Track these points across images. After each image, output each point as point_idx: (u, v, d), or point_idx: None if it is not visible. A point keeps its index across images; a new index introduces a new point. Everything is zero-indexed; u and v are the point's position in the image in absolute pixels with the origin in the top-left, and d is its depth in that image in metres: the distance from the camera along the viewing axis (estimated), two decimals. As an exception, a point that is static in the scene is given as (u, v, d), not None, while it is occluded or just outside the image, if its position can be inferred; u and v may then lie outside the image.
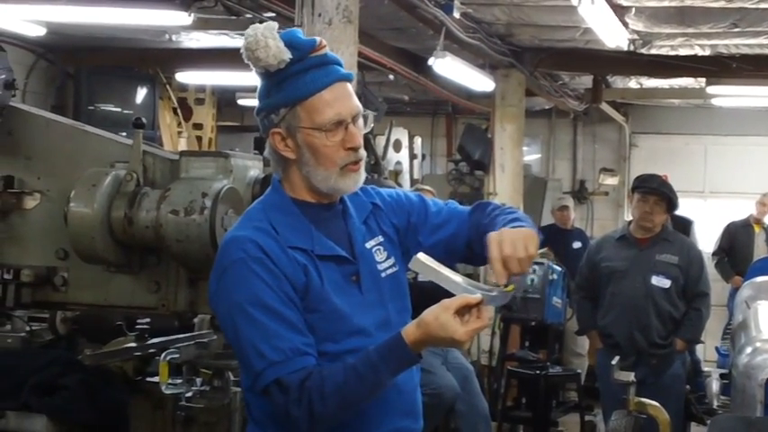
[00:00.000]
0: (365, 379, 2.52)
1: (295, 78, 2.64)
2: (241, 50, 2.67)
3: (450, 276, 2.55)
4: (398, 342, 2.52)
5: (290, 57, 2.62)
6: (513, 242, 2.56)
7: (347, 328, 2.65)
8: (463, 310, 2.48)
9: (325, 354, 2.60)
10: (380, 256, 2.78)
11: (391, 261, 2.80)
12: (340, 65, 2.71)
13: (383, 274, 2.77)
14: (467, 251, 2.89)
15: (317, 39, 2.71)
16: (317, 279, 2.62)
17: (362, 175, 2.73)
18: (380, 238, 2.80)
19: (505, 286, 2.56)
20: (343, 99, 2.65)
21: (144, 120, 4.24)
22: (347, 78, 2.70)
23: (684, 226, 10.84)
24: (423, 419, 2.86)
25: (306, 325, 2.60)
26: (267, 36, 2.61)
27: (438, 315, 2.48)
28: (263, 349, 2.53)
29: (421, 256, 2.61)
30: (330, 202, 2.74)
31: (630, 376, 5.97)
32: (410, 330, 2.51)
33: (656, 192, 6.75)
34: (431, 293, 2.65)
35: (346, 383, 2.52)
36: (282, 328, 2.55)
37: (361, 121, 2.70)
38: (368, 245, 2.77)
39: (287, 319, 2.56)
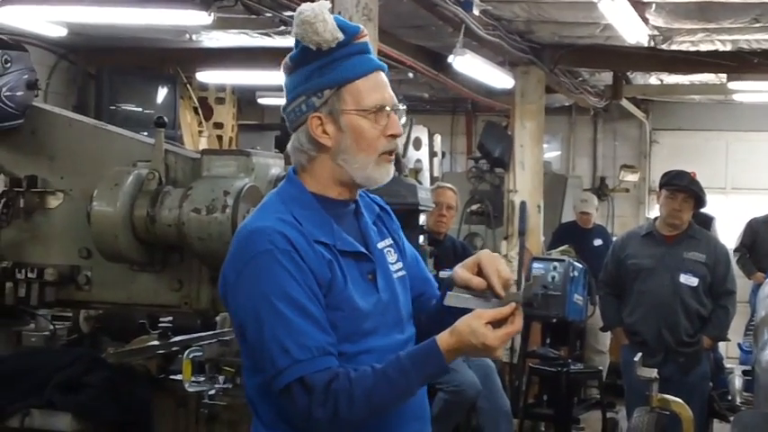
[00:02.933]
0: (396, 385, 2.48)
1: (341, 62, 2.60)
2: (294, 26, 2.60)
3: (483, 302, 2.58)
4: (433, 349, 2.48)
5: (343, 36, 2.59)
6: (498, 258, 2.69)
7: (365, 328, 2.59)
8: (496, 323, 2.49)
9: (342, 354, 2.53)
10: (391, 257, 2.75)
11: (400, 264, 2.77)
12: (374, 55, 2.71)
13: (395, 275, 2.73)
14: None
15: (360, 26, 2.68)
16: (340, 276, 2.56)
17: (393, 167, 2.70)
18: (390, 241, 2.78)
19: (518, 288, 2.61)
20: (384, 87, 2.65)
21: (166, 119, 4.26)
22: (384, 69, 2.69)
23: (705, 222, 10.79)
24: (439, 420, 2.84)
25: (328, 323, 2.53)
26: (324, 11, 2.57)
27: (470, 322, 2.47)
28: (288, 346, 2.45)
29: (455, 290, 2.63)
30: (349, 198, 2.70)
31: (653, 372, 5.96)
32: (444, 338, 2.48)
33: (686, 189, 6.72)
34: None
35: (376, 389, 2.46)
36: (309, 325, 2.47)
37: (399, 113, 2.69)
38: (379, 245, 2.73)
39: (313, 315, 2.48)
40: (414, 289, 2.81)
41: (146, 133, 4.51)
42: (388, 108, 2.63)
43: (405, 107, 2.71)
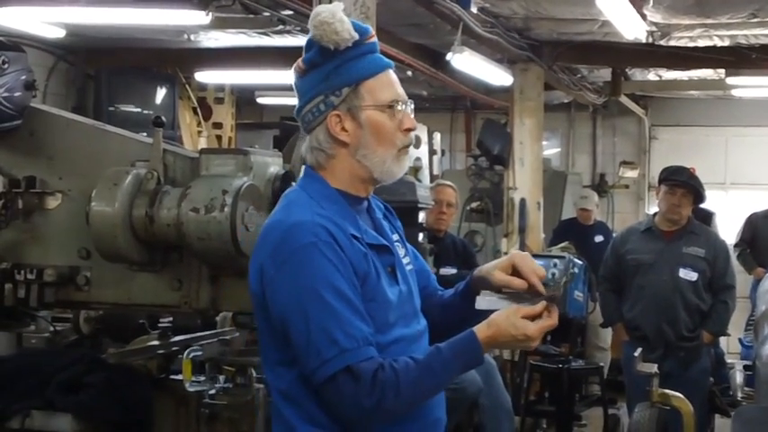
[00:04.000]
0: (438, 375, 2.58)
1: (356, 61, 2.70)
2: (311, 26, 2.68)
3: (514, 302, 2.70)
4: (472, 340, 2.59)
5: (358, 36, 2.68)
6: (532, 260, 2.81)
7: (391, 319, 2.67)
8: (530, 319, 2.62)
9: (375, 344, 2.59)
10: (401, 251, 2.84)
11: (408, 258, 2.87)
12: None
13: (407, 268, 2.82)
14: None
15: (370, 27, 2.79)
16: (374, 269, 2.65)
17: (408, 162, 2.82)
18: (397, 236, 2.88)
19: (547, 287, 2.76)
20: (396, 84, 2.76)
21: (164, 118, 4.25)
22: (392, 67, 2.79)
23: (706, 218, 10.79)
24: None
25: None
26: (340, 12, 2.67)
27: (508, 315, 2.61)
28: (335, 335, 2.51)
29: (483, 293, 2.75)
30: (365, 195, 2.79)
31: (653, 368, 5.96)
32: (482, 329, 2.60)
33: (685, 184, 6.73)
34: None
35: (421, 380, 2.56)
36: (354, 315, 2.54)
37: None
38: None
39: (356, 306, 2.56)
40: (417, 282, 2.89)
41: (145, 134, 4.50)
42: (401, 103, 2.73)
43: (413, 104, 2.78)
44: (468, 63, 9.38)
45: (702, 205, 10.30)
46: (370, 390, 2.50)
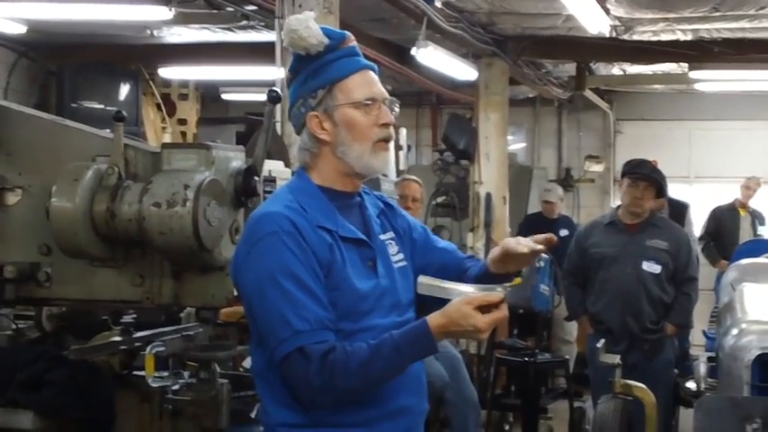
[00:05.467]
0: (388, 360, 2.68)
1: (331, 64, 2.86)
2: (283, 35, 2.88)
3: (459, 288, 2.76)
4: (424, 329, 2.68)
5: (328, 41, 2.84)
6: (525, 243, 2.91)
7: (363, 308, 2.81)
8: (484, 309, 2.67)
9: (340, 331, 2.74)
10: (393, 249, 2.98)
11: (401, 256, 3.00)
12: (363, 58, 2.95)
13: (395, 266, 2.95)
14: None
15: (348, 33, 2.94)
16: (340, 259, 2.79)
17: (390, 155, 2.87)
18: (392, 234, 3.01)
19: (510, 282, 2.80)
20: (374, 83, 2.91)
21: (125, 113, 4.21)
22: (374, 69, 2.95)
23: (680, 210, 10.87)
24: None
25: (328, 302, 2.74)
26: (308, 19, 2.83)
27: (460, 306, 2.67)
28: (289, 318, 2.67)
29: (423, 278, 2.81)
30: (353, 190, 2.94)
31: (616, 359, 6.00)
32: (434, 319, 2.68)
33: (647, 177, 6.76)
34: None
35: (370, 362, 2.67)
36: (309, 300, 2.70)
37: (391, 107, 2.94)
38: (381, 237, 2.97)
39: (314, 292, 2.71)
40: (434, 259, 3.08)
41: (108, 130, 4.46)
42: (378, 100, 2.87)
43: (396, 100, 2.85)
44: (433, 58, 9.39)
45: (678, 198, 10.45)
46: (320, 369, 2.64)
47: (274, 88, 4.21)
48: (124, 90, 11.43)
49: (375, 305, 2.83)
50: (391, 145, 9.89)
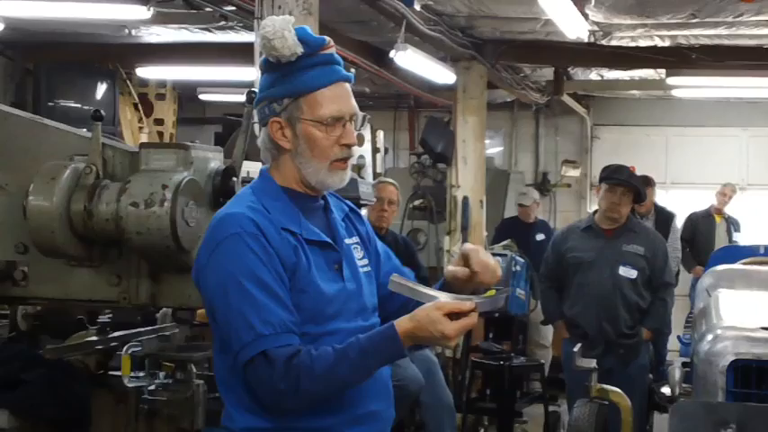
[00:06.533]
0: (354, 364, 2.62)
1: (302, 72, 2.77)
2: (256, 39, 2.84)
3: (430, 293, 2.69)
4: (391, 333, 2.63)
5: (302, 51, 2.75)
6: (486, 255, 2.83)
7: (328, 311, 2.75)
8: (453, 316, 2.60)
9: (305, 335, 2.68)
10: (358, 253, 2.92)
11: (366, 261, 2.94)
12: (342, 66, 2.85)
13: (360, 270, 2.89)
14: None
15: (326, 38, 2.84)
16: (305, 261, 2.73)
17: (348, 173, 2.86)
18: (357, 239, 2.96)
19: (483, 292, 2.74)
20: (344, 98, 2.81)
21: (103, 112, 4.20)
22: (348, 80, 2.85)
23: (667, 219, 10.93)
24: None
25: (292, 305, 2.68)
26: (284, 28, 2.74)
27: (429, 312, 2.61)
28: (252, 321, 2.61)
29: (396, 277, 2.74)
30: (315, 194, 2.87)
31: (592, 363, 6.02)
32: (403, 323, 2.63)
33: (625, 183, 6.79)
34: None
35: (336, 366, 2.61)
36: (273, 303, 2.64)
37: (357, 122, 2.84)
38: (347, 241, 2.91)
39: (277, 295, 2.65)
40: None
41: (86, 129, 4.45)
42: (344, 118, 2.78)
43: (366, 116, 2.82)
44: (412, 61, 9.39)
45: (665, 207, 10.50)
46: (284, 374, 2.59)
47: (253, 89, 4.20)
48: (101, 89, 11.38)
49: (341, 309, 2.78)
50: (368, 147, 9.88)
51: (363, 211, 6.47)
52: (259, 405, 2.70)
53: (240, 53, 8.56)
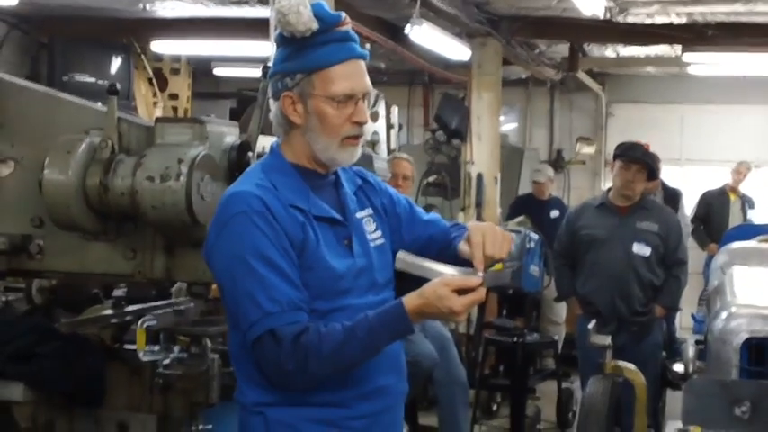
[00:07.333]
0: (363, 342, 2.63)
1: (317, 48, 2.76)
2: (272, 14, 2.83)
3: (438, 269, 2.68)
4: (399, 310, 2.63)
5: (317, 26, 2.73)
6: (493, 233, 2.76)
7: (338, 287, 2.75)
8: (461, 291, 2.60)
9: (315, 311, 2.69)
10: (370, 226, 2.91)
11: (379, 233, 2.93)
12: (357, 43, 2.84)
13: (372, 244, 2.88)
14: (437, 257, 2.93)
15: (342, 14, 2.83)
16: (313, 238, 2.73)
17: (359, 150, 2.85)
18: (370, 211, 2.94)
19: (491, 266, 2.71)
20: (357, 76, 2.79)
21: (118, 86, 4.20)
22: (363, 57, 2.83)
23: (674, 197, 10.89)
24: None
25: (300, 281, 2.68)
26: (300, 3, 2.72)
27: (437, 288, 2.60)
28: (259, 299, 2.62)
29: (402, 254, 2.74)
30: (325, 171, 2.86)
31: (607, 339, 6.02)
32: (411, 300, 2.62)
33: (639, 161, 6.76)
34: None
35: (344, 345, 2.61)
36: (280, 280, 2.64)
37: (369, 101, 2.84)
38: (358, 215, 2.90)
39: (285, 272, 2.65)
40: (421, 234, 3.02)
41: (100, 104, 4.45)
42: (356, 96, 2.77)
43: (379, 94, 2.80)
44: (427, 37, 9.36)
45: (671, 185, 10.46)
46: (292, 352, 2.60)
47: (269, 64, 4.19)
48: (116, 64, 11.37)
49: (351, 285, 2.78)
50: (382, 123, 9.86)
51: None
52: (269, 380, 2.71)
53: (255, 28, 8.57)
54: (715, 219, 12.08)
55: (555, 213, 10.98)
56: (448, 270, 2.68)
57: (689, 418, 4.36)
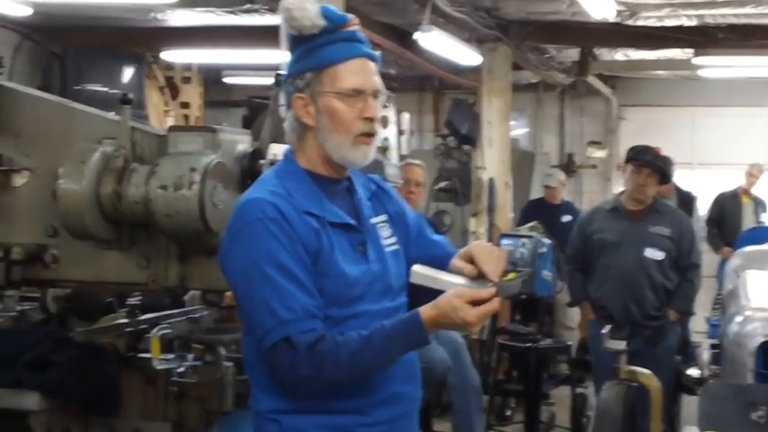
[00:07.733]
0: (379, 351, 2.63)
1: (324, 47, 2.76)
2: (279, 12, 2.81)
3: (452, 280, 2.69)
4: (415, 321, 2.63)
5: (324, 24, 2.74)
6: (491, 250, 2.75)
7: (353, 294, 2.74)
8: (476, 303, 2.61)
9: (329, 318, 2.69)
10: (385, 232, 2.90)
11: (394, 239, 2.92)
12: (365, 44, 2.84)
13: (387, 249, 2.88)
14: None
15: (350, 15, 2.83)
16: (327, 244, 2.72)
17: (373, 150, 2.83)
18: (385, 217, 2.93)
19: (503, 276, 2.70)
20: (366, 73, 2.79)
21: (131, 96, 4.22)
22: (373, 58, 2.83)
23: (688, 202, 10.86)
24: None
25: (315, 288, 2.68)
26: (306, 0, 2.73)
27: (451, 300, 2.60)
28: (274, 307, 2.62)
29: (417, 267, 2.74)
30: (339, 176, 2.85)
31: (621, 344, 5.99)
32: (426, 311, 2.63)
33: (651, 164, 6.75)
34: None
35: (360, 353, 2.61)
36: (295, 288, 2.64)
37: (381, 99, 2.82)
38: (373, 220, 2.89)
39: (300, 280, 2.65)
40: (425, 252, 2.96)
41: (114, 113, 4.47)
42: (366, 92, 2.76)
43: (389, 93, 2.79)
44: (437, 42, 9.37)
45: (686, 189, 10.44)
46: (308, 360, 2.60)
47: (281, 72, 4.20)
48: (128, 73, 11.42)
49: (366, 291, 2.77)
50: (393, 129, 9.88)
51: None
52: (283, 388, 2.71)
53: (265, 36, 8.55)
54: (728, 221, 12.05)
55: (567, 218, 10.96)
56: (461, 281, 2.69)
57: (705, 423, 4.34)
